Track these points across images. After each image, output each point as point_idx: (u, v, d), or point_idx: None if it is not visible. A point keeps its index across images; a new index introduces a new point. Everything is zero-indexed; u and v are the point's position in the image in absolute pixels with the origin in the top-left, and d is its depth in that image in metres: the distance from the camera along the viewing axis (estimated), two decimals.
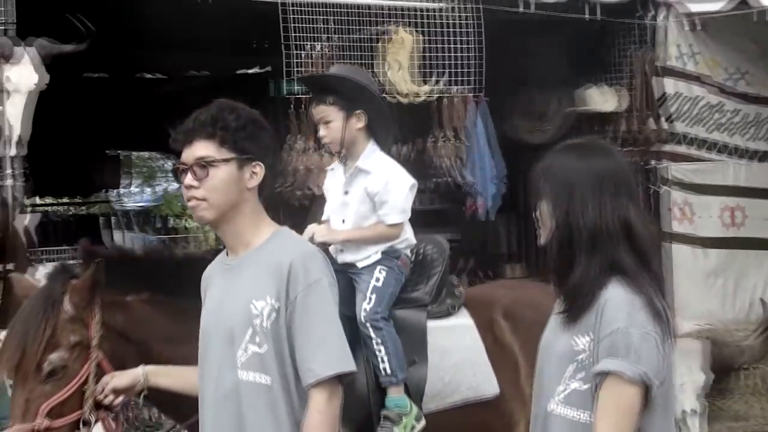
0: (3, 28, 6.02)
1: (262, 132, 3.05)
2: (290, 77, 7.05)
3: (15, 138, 5.85)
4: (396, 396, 4.13)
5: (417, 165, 8.53)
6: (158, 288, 3.69)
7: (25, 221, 6.09)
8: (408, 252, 4.38)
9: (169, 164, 18.84)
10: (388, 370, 4.11)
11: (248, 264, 3.01)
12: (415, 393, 4.21)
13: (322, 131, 4.26)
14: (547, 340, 2.88)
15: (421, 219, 9.31)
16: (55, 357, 3.44)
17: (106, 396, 3.43)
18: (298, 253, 2.95)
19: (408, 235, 4.36)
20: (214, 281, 3.12)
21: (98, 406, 3.45)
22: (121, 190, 14.82)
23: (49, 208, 14.86)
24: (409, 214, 4.32)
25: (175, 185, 18.79)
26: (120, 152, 13.70)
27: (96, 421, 3.46)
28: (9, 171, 5.99)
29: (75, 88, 9.28)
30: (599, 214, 2.70)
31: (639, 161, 8.51)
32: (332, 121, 4.20)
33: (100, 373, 3.46)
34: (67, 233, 10.49)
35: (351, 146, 4.26)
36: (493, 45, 7.57)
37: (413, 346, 4.27)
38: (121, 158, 13.56)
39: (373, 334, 4.13)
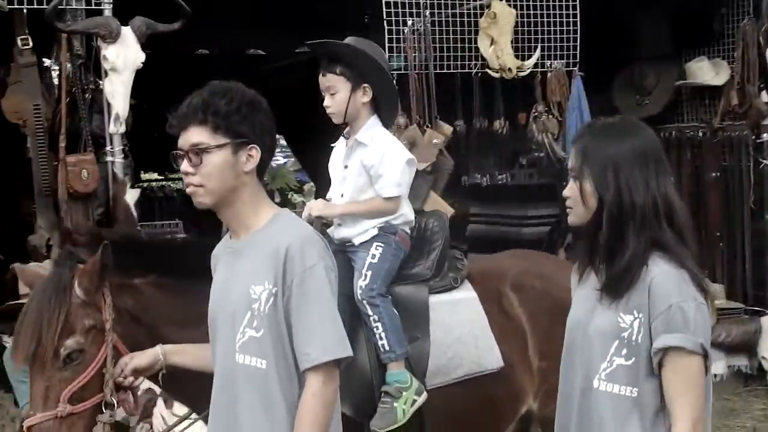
0: (100, 8, 6.17)
1: (257, 114, 3.02)
2: (391, 53, 7.08)
3: (114, 116, 6.00)
4: (396, 371, 4.10)
5: (515, 140, 8.50)
6: (165, 271, 3.67)
7: (125, 196, 6.27)
8: (406, 228, 4.33)
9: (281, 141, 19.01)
10: (387, 347, 4.08)
11: (248, 248, 3.02)
12: (418, 369, 4.17)
13: (327, 101, 4.21)
14: (578, 317, 2.92)
15: (520, 194, 9.33)
16: (71, 342, 3.38)
17: (126, 377, 3.42)
18: (295, 238, 2.94)
19: (405, 211, 4.30)
20: (221, 262, 3.15)
21: (118, 388, 3.43)
22: None
23: (153, 184, 15.20)
24: (405, 189, 4.27)
25: (285, 160, 19.03)
26: None
27: (118, 403, 3.44)
28: (109, 148, 6.16)
29: (178, 66, 9.44)
30: (646, 191, 2.76)
31: (746, 134, 8.30)
32: (338, 92, 4.16)
33: (116, 356, 3.44)
34: (172, 208, 10.77)
35: (354, 120, 4.22)
36: (594, 18, 7.45)
37: (415, 322, 4.23)
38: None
39: (369, 311, 4.10)
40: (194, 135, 2.98)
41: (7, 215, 8.89)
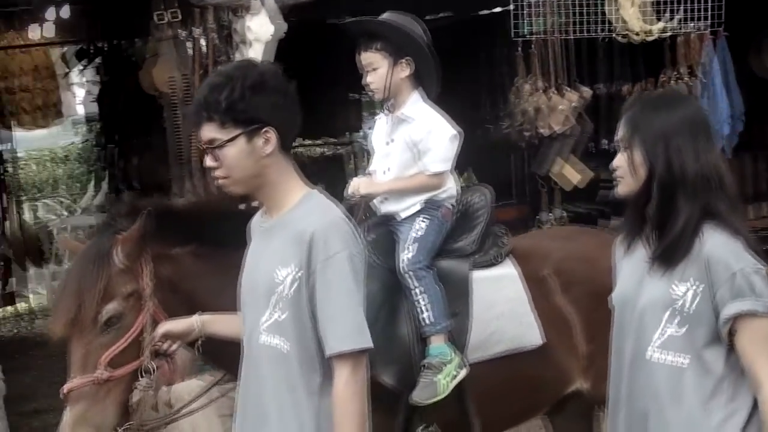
0: None
1: (263, 94, 2.95)
2: (520, 19, 7.01)
3: None
4: (438, 344, 4.10)
5: None
6: (204, 241, 3.73)
7: None
8: (452, 203, 4.32)
9: None
10: (430, 319, 4.08)
11: (278, 229, 3.02)
12: (458, 343, 4.16)
13: (368, 78, 4.22)
14: (626, 290, 2.97)
15: None
16: (110, 307, 3.47)
17: (162, 343, 3.48)
18: (321, 223, 2.93)
19: (450, 186, 4.29)
20: (254, 237, 3.17)
21: (156, 353, 3.50)
22: (365, 132, 15.17)
23: (298, 149, 15.48)
24: (451, 164, 4.25)
25: None
26: (361, 95, 14.05)
27: (156, 369, 3.51)
28: None
29: (320, 35, 9.54)
30: (696, 160, 2.80)
31: None
32: (378, 68, 4.16)
33: (154, 323, 3.50)
34: (319, 172, 11.03)
35: (396, 94, 4.22)
36: None
37: (456, 297, 4.22)
38: (362, 101, 13.88)
39: (414, 284, 4.10)
40: (207, 132, 2.98)
41: (147, 183, 9.21)
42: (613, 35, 7.28)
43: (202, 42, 6.34)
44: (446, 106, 4.31)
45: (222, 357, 3.68)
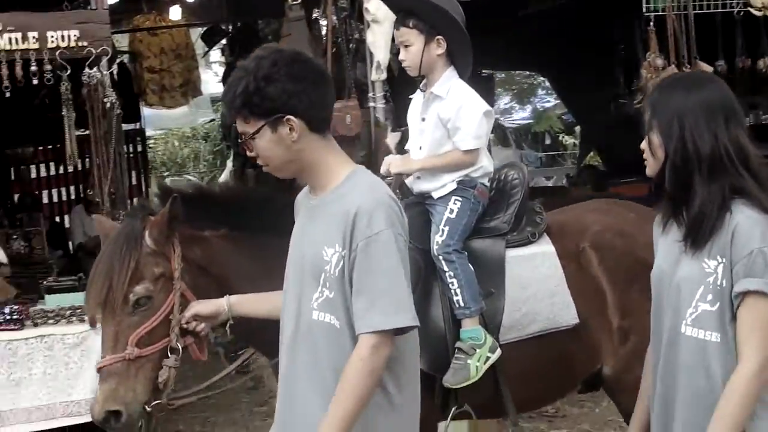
0: None
1: (277, 83, 2.95)
2: None
3: (375, 64, 6.28)
4: (470, 328, 4.08)
5: None
6: (236, 225, 3.80)
7: (387, 140, 6.56)
8: (485, 181, 4.29)
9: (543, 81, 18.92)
10: (462, 303, 4.07)
11: (322, 207, 3.04)
12: (492, 324, 4.14)
13: (402, 55, 4.23)
14: (662, 269, 2.99)
15: None
16: (140, 288, 3.56)
17: (189, 323, 3.56)
18: (363, 202, 2.91)
19: (484, 164, 4.26)
20: (300, 214, 3.19)
21: (185, 333, 3.58)
22: (498, 108, 15.25)
23: None
24: (483, 141, 4.23)
25: (551, 102, 18.90)
26: (494, 72, 14.08)
27: (184, 348, 3.59)
28: (371, 94, 6.46)
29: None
30: (714, 140, 2.81)
31: None
32: (412, 44, 4.17)
33: (184, 304, 3.58)
34: None
35: (429, 72, 4.22)
36: None
37: (490, 276, 4.19)
38: (495, 78, 13.93)
39: (445, 267, 4.09)
40: (239, 126, 3.04)
41: None
42: (736, 11, 7.17)
43: (334, 20, 6.53)
44: (580, 83, 4.34)
45: (254, 336, 3.78)
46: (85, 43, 6.16)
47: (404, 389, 3.05)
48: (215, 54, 13.78)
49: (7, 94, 5.98)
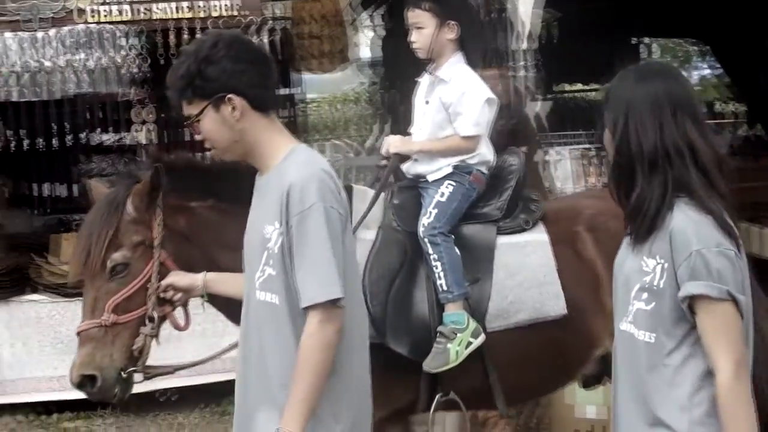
0: None
1: (217, 65, 3.01)
2: None
3: (526, 33, 6.24)
4: (452, 312, 4.00)
5: None
6: (222, 196, 3.78)
7: (536, 108, 6.53)
8: (483, 168, 4.21)
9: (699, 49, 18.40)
10: (444, 287, 3.99)
11: (265, 186, 3.09)
12: (478, 310, 4.04)
13: (413, 36, 4.19)
14: (618, 260, 2.94)
15: None
16: (117, 255, 3.59)
17: (166, 292, 3.58)
18: (298, 177, 2.95)
19: (483, 151, 4.20)
20: (254, 197, 3.21)
21: (163, 302, 3.60)
22: None
23: (566, 95, 15.36)
24: (484, 128, 4.16)
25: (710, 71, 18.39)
26: (641, 40, 13.72)
27: (161, 318, 3.62)
28: (521, 63, 6.42)
29: None
30: (658, 135, 2.72)
31: None
32: (424, 27, 4.14)
33: (165, 273, 3.60)
34: (584, 118, 10.91)
35: (438, 56, 4.18)
36: None
37: (478, 262, 4.10)
38: (641, 45, 13.58)
39: (430, 250, 4.02)
40: (184, 109, 3.09)
41: None
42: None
43: None
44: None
45: (233, 313, 3.77)
46: (246, 12, 6.38)
47: (343, 355, 3.00)
48: (369, 20, 13.88)
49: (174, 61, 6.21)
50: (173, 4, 6.43)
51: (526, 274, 4.14)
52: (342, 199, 3.04)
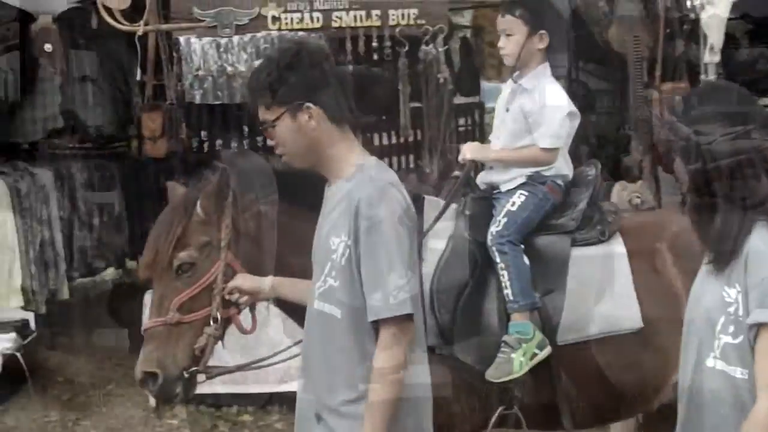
0: None
1: (297, 72, 3.04)
2: None
3: (709, 46, 6.22)
4: (518, 321, 3.92)
5: None
6: (294, 200, 3.74)
7: None
8: (558, 181, 4.13)
9: None
10: (511, 296, 3.92)
11: (334, 197, 3.09)
12: (551, 323, 3.94)
13: (502, 42, 4.18)
14: (696, 290, 2.83)
15: None
16: (184, 255, 3.60)
17: (232, 294, 3.56)
18: (367, 191, 2.96)
19: (559, 165, 4.13)
20: (323, 204, 3.21)
21: (228, 304, 3.58)
22: None
23: None
24: (563, 141, 4.10)
25: None
26: None
27: (226, 320, 3.59)
28: (703, 76, 6.39)
29: None
30: (736, 160, 2.61)
31: None
32: (515, 34, 4.13)
33: (231, 274, 3.58)
34: None
35: (525, 65, 4.16)
36: None
37: (552, 274, 4.01)
38: None
39: (498, 258, 3.96)
40: (260, 114, 3.11)
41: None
42: None
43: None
44: None
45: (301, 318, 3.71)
46: (423, 21, 6.50)
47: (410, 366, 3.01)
48: None
49: (350, 68, 6.39)
50: (351, 13, 6.54)
51: (600, 285, 4.07)
52: (411, 212, 3.06)
